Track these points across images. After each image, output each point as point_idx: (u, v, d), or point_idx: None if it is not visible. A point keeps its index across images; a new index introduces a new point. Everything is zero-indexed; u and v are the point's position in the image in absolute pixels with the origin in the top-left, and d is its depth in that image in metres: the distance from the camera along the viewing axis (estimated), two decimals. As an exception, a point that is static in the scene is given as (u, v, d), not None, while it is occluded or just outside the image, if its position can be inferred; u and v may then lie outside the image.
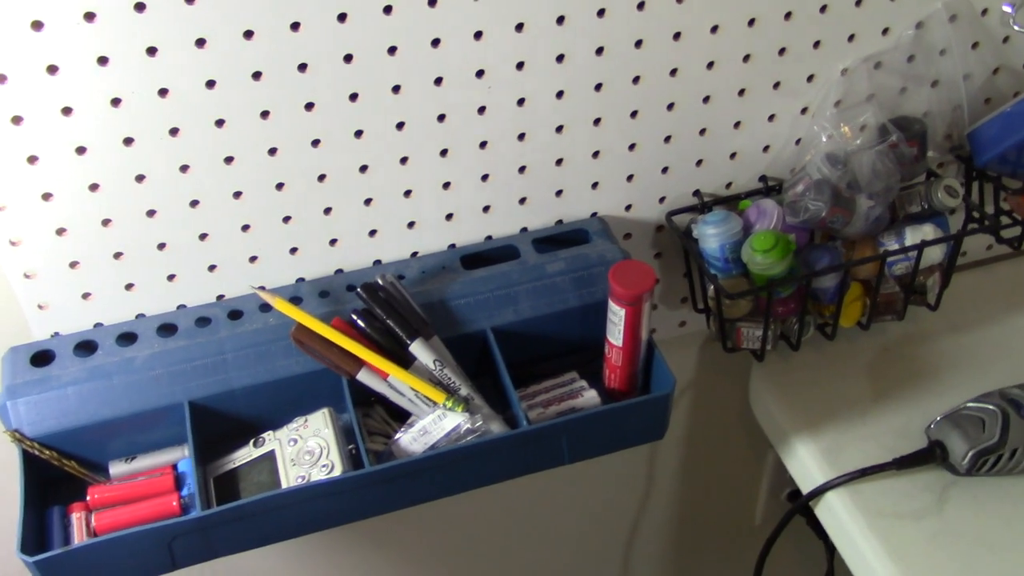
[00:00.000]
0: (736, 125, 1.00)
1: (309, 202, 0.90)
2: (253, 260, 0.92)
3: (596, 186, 0.99)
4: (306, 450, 0.85)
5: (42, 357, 0.87)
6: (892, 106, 1.03)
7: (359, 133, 0.87)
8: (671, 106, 0.96)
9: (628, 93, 0.93)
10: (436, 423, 0.85)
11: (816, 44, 0.97)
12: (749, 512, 1.47)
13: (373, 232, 0.94)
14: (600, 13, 0.87)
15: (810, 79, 0.99)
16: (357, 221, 0.93)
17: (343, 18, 0.80)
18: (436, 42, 0.84)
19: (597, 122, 0.95)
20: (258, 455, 0.86)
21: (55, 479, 0.85)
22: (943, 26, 1.00)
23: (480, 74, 0.87)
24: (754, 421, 1.12)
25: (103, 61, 0.76)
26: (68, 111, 0.78)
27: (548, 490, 1.33)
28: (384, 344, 0.87)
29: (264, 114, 0.83)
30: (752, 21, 0.93)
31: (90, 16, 0.73)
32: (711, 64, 0.94)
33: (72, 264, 0.86)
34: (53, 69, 0.75)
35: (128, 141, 0.81)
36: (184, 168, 0.84)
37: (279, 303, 0.87)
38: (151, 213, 0.86)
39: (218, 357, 0.88)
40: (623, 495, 1.40)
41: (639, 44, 0.90)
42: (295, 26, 0.79)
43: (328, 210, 0.91)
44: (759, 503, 1.46)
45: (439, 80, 0.86)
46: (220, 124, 0.82)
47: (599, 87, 0.92)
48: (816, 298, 1.01)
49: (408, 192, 0.93)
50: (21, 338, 0.89)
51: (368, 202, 0.92)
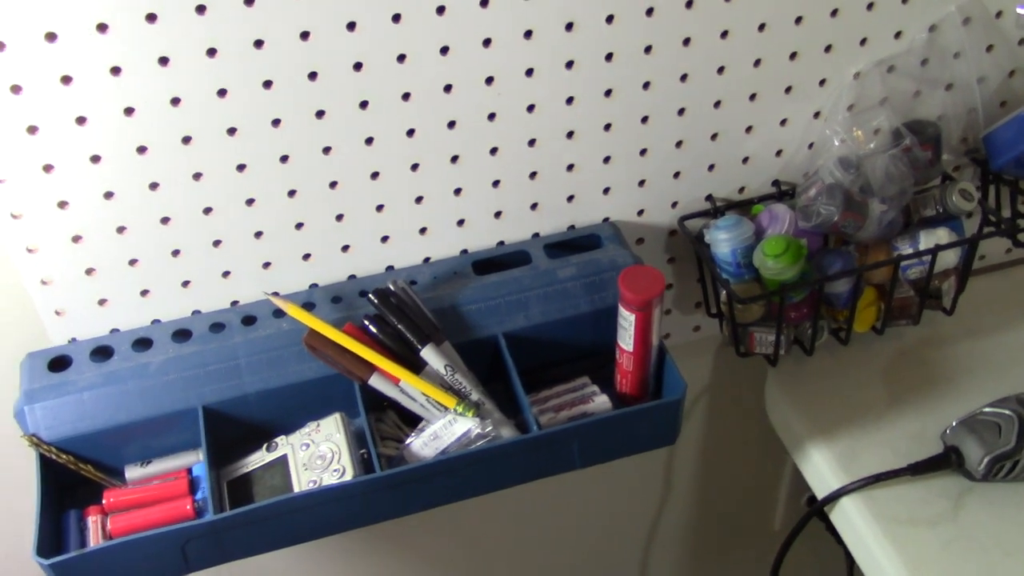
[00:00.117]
0: (748, 129, 1.00)
1: (321, 209, 0.91)
2: (267, 266, 0.93)
3: (608, 191, 1.00)
4: (318, 455, 0.85)
5: (59, 362, 0.89)
6: (906, 110, 1.03)
7: (370, 140, 0.88)
8: (682, 111, 0.96)
9: (638, 98, 0.94)
10: (447, 428, 0.86)
11: (827, 48, 0.97)
12: (768, 517, 1.47)
13: (385, 238, 0.95)
14: (609, 19, 0.87)
15: (822, 83, 0.99)
16: (369, 227, 0.94)
17: (352, 27, 0.81)
18: (445, 50, 0.85)
19: (608, 127, 0.95)
20: (271, 459, 0.87)
21: (72, 483, 0.87)
22: (957, 29, 0.99)
23: (490, 81, 0.88)
24: (772, 425, 1.12)
25: (116, 71, 0.77)
26: (82, 120, 0.79)
27: (566, 494, 1.33)
28: (396, 349, 0.88)
29: (275, 122, 0.84)
30: (762, 26, 0.93)
31: (103, 27, 0.75)
32: (722, 69, 0.94)
33: (88, 271, 0.88)
34: (67, 79, 0.76)
35: (142, 150, 0.82)
36: (197, 176, 0.85)
37: (292, 309, 0.88)
38: (165, 220, 0.87)
39: (232, 362, 0.89)
40: (641, 499, 1.40)
41: (648, 50, 0.91)
42: (304, 35, 0.80)
43: (340, 217, 0.92)
44: (778, 508, 1.45)
45: (448, 87, 0.87)
46: (232, 132, 0.83)
47: (609, 93, 0.92)
48: (830, 303, 1.01)
49: (419, 198, 0.94)
50: (39, 344, 0.90)
51: (380, 208, 0.93)
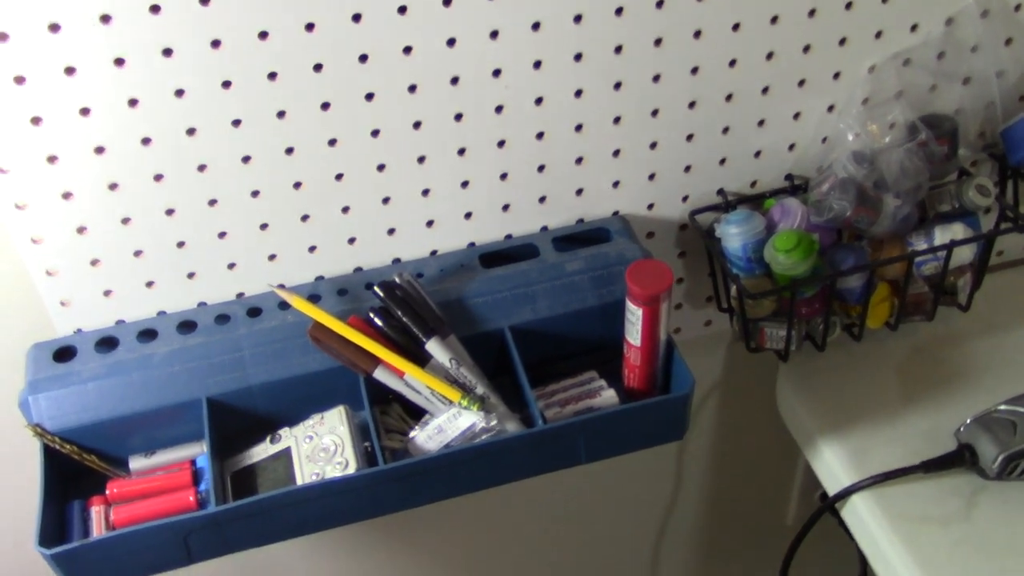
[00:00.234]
0: (760, 123, 0.99)
1: (327, 201, 0.90)
2: (272, 258, 0.93)
3: (617, 185, 0.99)
4: (321, 447, 0.85)
5: (64, 353, 0.89)
6: (922, 104, 1.01)
7: (376, 132, 0.87)
8: (693, 104, 0.95)
9: (648, 91, 0.93)
10: (451, 421, 0.85)
11: (842, 41, 0.95)
12: (781, 512, 1.46)
13: (392, 231, 0.95)
14: (618, 11, 0.86)
15: (836, 76, 0.98)
16: (375, 220, 0.93)
17: (358, 18, 0.80)
18: (452, 41, 0.84)
19: (617, 121, 0.94)
20: (274, 451, 0.87)
21: (76, 473, 0.87)
22: (974, 22, 0.97)
23: (497, 73, 0.87)
24: (784, 421, 1.11)
25: (120, 62, 0.77)
26: (86, 111, 0.79)
27: (576, 488, 1.33)
28: (401, 342, 0.88)
29: (280, 114, 0.84)
30: (775, 18, 0.91)
31: (106, 18, 0.74)
32: (733, 62, 0.93)
33: (93, 262, 0.88)
34: (70, 71, 0.76)
35: (146, 141, 0.82)
36: (202, 167, 0.85)
37: (297, 301, 0.87)
38: (170, 212, 0.87)
39: (236, 354, 0.88)
40: (651, 494, 1.39)
41: (659, 42, 0.90)
42: (310, 27, 0.79)
43: (346, 209, 0.92)
44: (791, 503, 1.44)
45: (455, 80, 0.86)
46: (237, 124, 0.83)
47: (618, 86, 0.91)
48: (842, 298, 1.00)
49: (426, 191, 0.93)
50: (45, 334, 0.91)
51: (386, 201, 0.92)
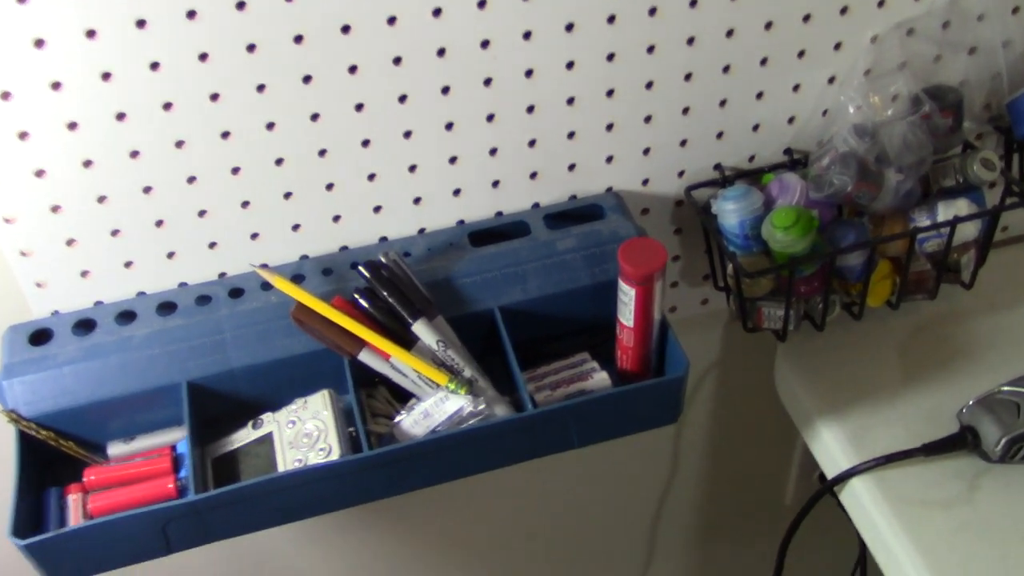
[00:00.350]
0: (759, 96, 0.96)
1: (310, 178, 0.87)
2: (255, 237, 0.90)
3: (611, 160, 0.96)
4: (304, 432, 0.83)
5: (40, 336, 0.86)
6: (926, 75, 0.98)
7: (360, 107, 0.84)
8: (688, 76, 0.92)
9: (642, 63, 0.89)
10: (438, 406, 0.83)
11: (843, 10, 0.92)
12: (780, 492, 1.44)
13: (378, 208, 0.92)
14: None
15: (837, 47, 0.94)
16: (360, 197, 0.90)
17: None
18: (438, 12, 0.81)
19: (610, 93, 0.91)
20: (256, 437, 0.85)
21: (54, 460, 0.84)
22: (980, -11, 0.94)
23: (485, 45, 0.84)
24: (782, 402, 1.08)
25: (91, 34, 0.74)
26: (57, 86, 0.76)
27: (571, 468, 1.31)
28: (387, 324, 0.85)
29: (260, 87, 0.81)
30: (773, -14, 0.88)
31: (74, -12, 0.71)
32: (730, 32, 0.90)
33: (69, 242, 0.85)
34: (40, 43, 0.73)
35: (120, 116, 0.79)
36: (179, 144, 0.82)
37: (279, 281, 0.85)
38: (147, 190, 0.84)
39: (217, 336, 0.86)
40: (649, 475, 1.37)
41: (653, 12, 0.86)
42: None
43: (330, 186, 0.89)
44: (789, 482, 1.42)
45: (442, 51, 0.83)
46: (215, 98, 0.80)
47: (611, 57, 0.88)
48: (842, 276, 0.97)
49: (413, 167, 0.90)
50: (22, 317, 0.88)
51: (372, 177, 0.89)
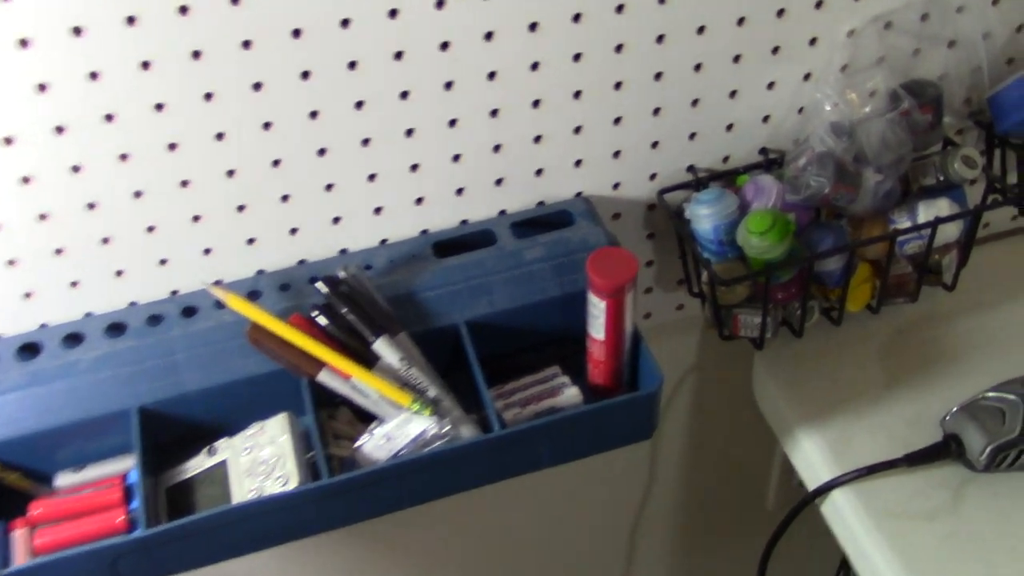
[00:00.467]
0: (732, 94, 0.92)
1: (264, 189, 0.83)
2: (207, 252, 0.86)
3: (580, 164, 0.92)
4: (261, 460, 0.79)
5: (-19, 362, 0.82)
6: (904, 69, 0.95)
7: (314, 114, 0.80)
8: (659, 75, 0.88)
9: (610, 63, 0.86)
10: (401, 428, 0.79)
11: (819, 4, 0.88)
12: (761, 496, 1.40)
13: (337, 219, 0.88)
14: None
15: (813, 42, 0.91)
16: (318, 208, 0.86)
17: (288, -8, 0.73)
18: (393, 12, 0.77)
19: (578, 95, 0.87)
20: (211, 465, 0.80)
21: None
22: (960, -19, 0.91)
23: (445, 47, 0.80)
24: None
25: (24, 44, 0.69)
26: (-12, 99, 0.71)
27: (547, 477, 1.27)
28: (347, 342, 0.81)
29: (208, 96, 0.76)
30: (746, -20, 0.84)
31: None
32: (701, 29, 0.86)
33: (10, 262, 0.80)
34: (-34, 54, 0.69)
35: (59, 130, 0.74)
36: (124, 157, 0.78)
37: (232, 300, 0.81)
38: (91, 206, 0.79)
39: (169, 358, 0.82)
40: (626, 481, 1.34)
41: (620, 9, 0.82)
42: (236, 0, 0.72)
43: (286, 197, 0.85)
44: (770, 488, 1.39)
45: (399, 55, 0.79)
46: (160, 108, 0.76)
47: (578, 57, 0.84)
48: (820, 281, 0.94)
49: (372, 176, 0.86)
50: (-38, 341, 0.84)
51: (329, 188, 0.85)
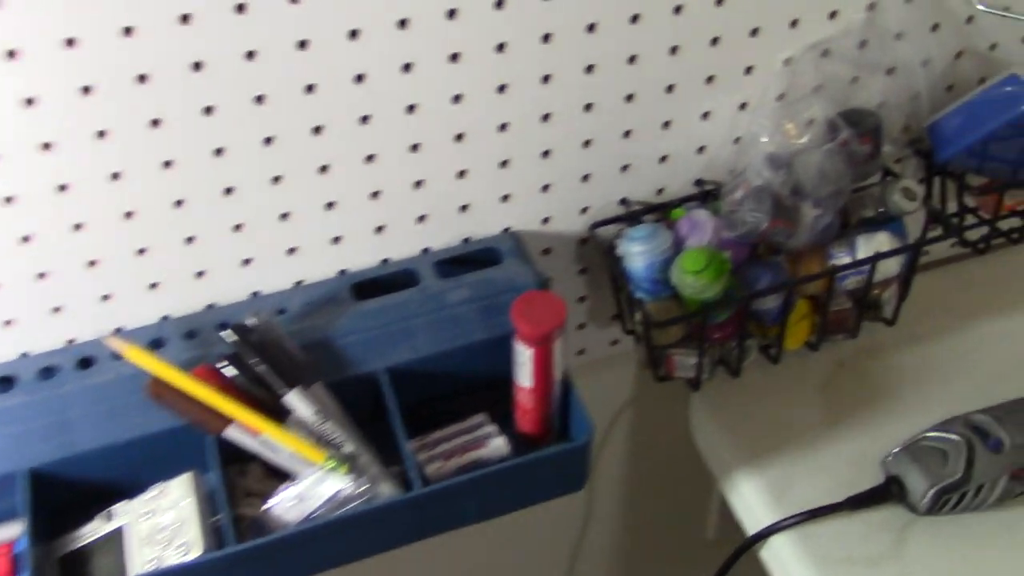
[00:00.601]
0: (665, 125, 0.88)
1: (166, 230, 0.78)
2: (106, 299, 0.80)
3: (507, 199, 0.87)
4: (162, 526, 0.73)
5: None
6: (842, 98, 0.91)
7: (219, 151, 0.74)
8: (589, 107, 0.84)
9: (537, 94, 0.81)
10: (314, 488, 0.74)
11: (754, 32, 0.85)
12: (701, 527, 1.37)
13: (247, 261, 0.82)
14: (498, 4, 0.75)
15: (748, 71, 0.87)
16: (227, 249, 0.81)
17: (186, 19, 0.67)
18: (303, 44, 0.71)
19: (503, 128, 0.82)
20: (107, 531, 0.74)
21: None
22: (898, 7, 0.88)
23: (360, 79, 0.75)
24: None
25: None
26: None
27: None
28: (256, 395, 0.76)
29: (101, 134, 0.70)
30: (679, 8, 0.80)
31: None
32: (633, 58, 0.82)
33: None
34: None
35: (-67, 171, 0.68)
36: (9, 200, 0.71)
37: (130, 351, 0.75)
38: (-28, 252, 0.73)
39: (63, 415, 0.76)
40: (562, 513, 1.29)
41: (547, 38, 0.78)
42: (128, 31, 0.66)
43: (191, 239, 0.79)
44: (711, 516, 1.35)
45: (311, 87, 0.74)
46: (47, 148, 0.70)
47: (502, 89, 0.80)
48: (758, 319, 0.90)
49: (285, 215, 0.81)
50: None
51: (238, 228, 0.80)
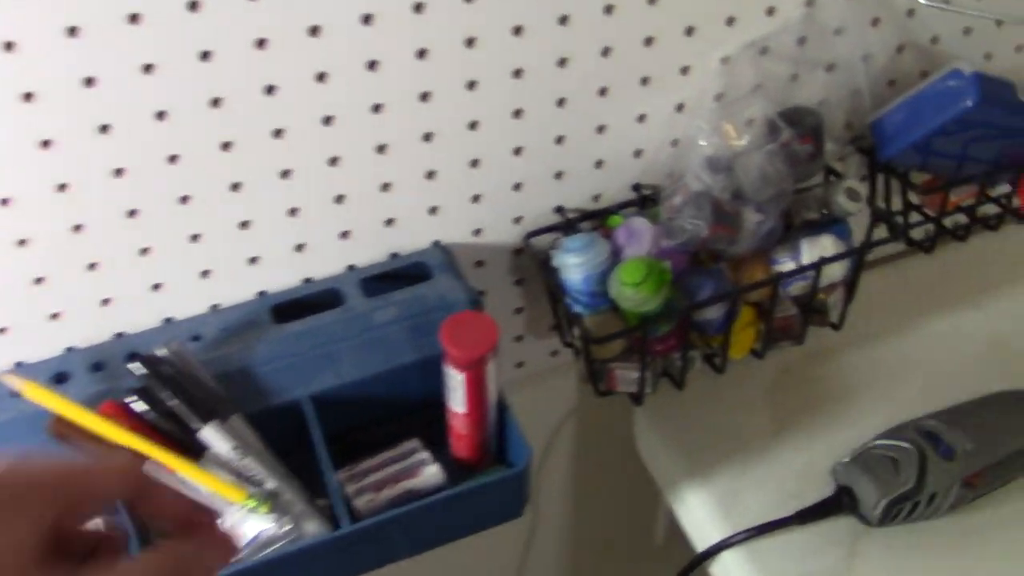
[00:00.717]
0: (600, 129, 0.84)
1: (66, 258, 0.72)
2: (3, 332, 0.74)
3: (435, 211, 0.83)
4: None
5: None
6: (782, 97, 0.88)
7: (119, 171, 0.69)
8: (518, 113, 0.80)
9: (462, 101, 0.77)
10: (234, 529, 0.69)
11: (689, 30, 0.81)
12: (649, 533, 1.34)
13: (157, 286, 0.77)
14: (418, 8, 0.70)
15: (685, 71, 0.84)
16: (133, 274, 0.75)
17: (73, 31, 0.62)
18: (206, 55, 0.66)
19: (428, 137, 0.78)
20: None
21: None
22: (837, 2, 0.85)
23: (271, 91, 0.70)
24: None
25: None
26: None
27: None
28: (169, 431, 0.71)
29: (-14, 157, 0.65)
30: (609, 8, 0.76)
31: None
32: (563, 61, 0.78)
33: None
34: None
35: None
36: None
37: (29, 389, 0.69)
38: None
39: (-43, 460, 0.70)
40: (507, 530, 1.25)
41: (471, 43, 0.74)
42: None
43: (93, 265, 0.73)
44: (659, 523, 1.33)
45: (217, 101, 0.69)
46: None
47: (426, 96, 0.75)
48: (701, 329, 0.87)
49: (196, 236, 0.75)
50: None
51: (145, 252, 0.74)
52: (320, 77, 0.71)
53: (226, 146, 0.71)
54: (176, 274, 0.77)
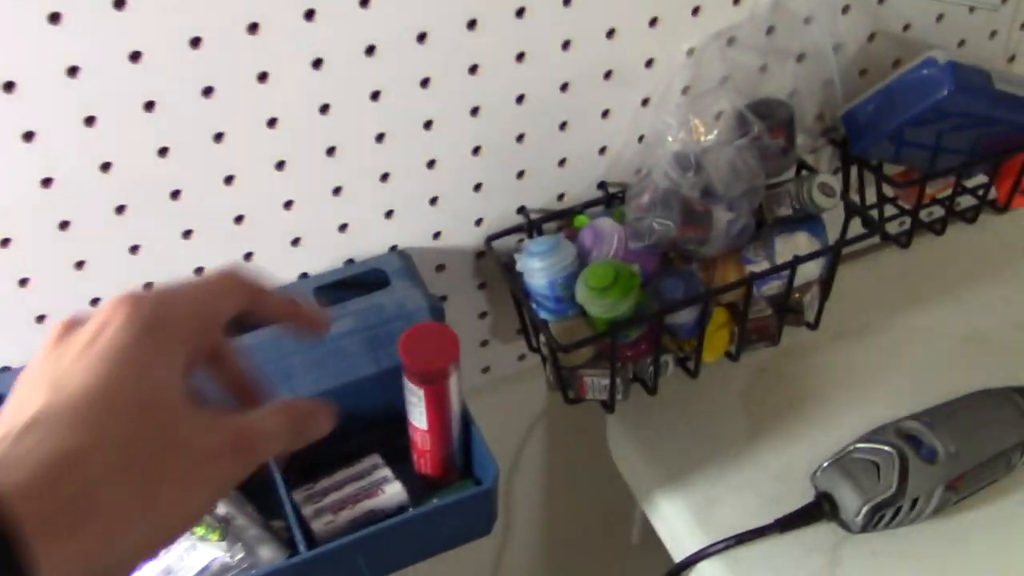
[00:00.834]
0: (562, 126, 0.81)
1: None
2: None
3: (391, 215, 0.79)
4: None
5: None
6: (751, 88, 0.85)
7: (47, 182, 0.65)
8: (475, 111, 0.76)
9: (416, 99, 0.73)
10: (183, 559, 0.65)
11: (653, 21, 0.78)
12: (625, 533, 1.31)
13: (95, 300, 0.73)
14: (364, 3, 0.66)
15: (649, 64, 0.80)
16: (66, 290, 0.71)
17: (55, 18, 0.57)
18: (136, 56, 0.62)
19: (380, 138, 0.74)
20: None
21: None
22: (807, -11, 0.82)
23: (208, 92, 0.66)
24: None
25: None
26: None
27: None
28: (111, 457, 0.66)
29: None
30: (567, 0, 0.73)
31: None
32: (521, 56, 0.74)
33: None
34: None
35: None
36: None
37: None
38: None
39: None
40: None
41: (422, 38, 0.70)
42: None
43: (24, 281, 0.69)
44: (635, 523, 1.30)
45: (151, 105, 0.64)
46: None
47: (376, 96, 0.71)
48: (673, 333, 0.83)
49: (135, 247, 0.71)
50: None
51: (80, 265, 0.70)
52: (262, 77, 0.66)
53: (163, 152, 0.67)
54: (112, 287, 0.72)
